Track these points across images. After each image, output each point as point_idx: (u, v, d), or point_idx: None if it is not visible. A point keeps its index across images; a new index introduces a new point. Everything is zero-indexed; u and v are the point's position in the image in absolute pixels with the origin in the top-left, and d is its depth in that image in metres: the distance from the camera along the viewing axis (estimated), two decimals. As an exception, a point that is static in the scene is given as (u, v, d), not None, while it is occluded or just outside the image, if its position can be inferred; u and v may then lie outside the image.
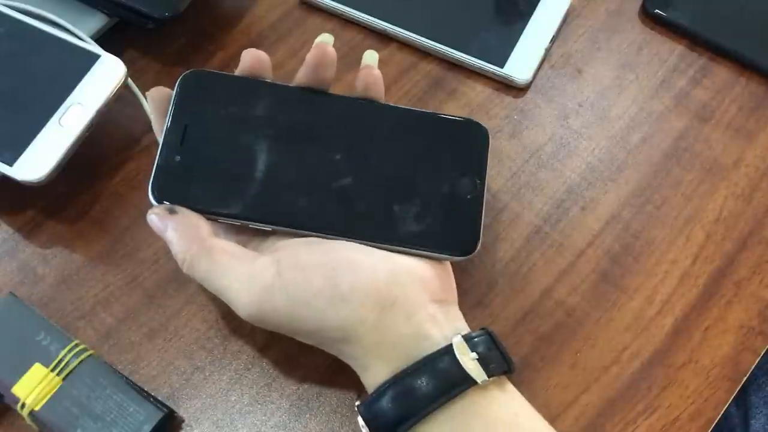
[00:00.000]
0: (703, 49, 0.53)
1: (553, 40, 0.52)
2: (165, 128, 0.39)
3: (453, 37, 0.51)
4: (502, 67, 0.50)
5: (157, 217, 0.38)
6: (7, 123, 0.44)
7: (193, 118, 0.40)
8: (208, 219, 0.38)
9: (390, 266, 0.37)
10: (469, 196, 0.40)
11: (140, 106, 0.47)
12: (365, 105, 0.41)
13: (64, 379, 0.39)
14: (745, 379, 0.43)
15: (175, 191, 0.38)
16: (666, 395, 0.42)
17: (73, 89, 0.44)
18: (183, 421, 0.41)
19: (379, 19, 0.51)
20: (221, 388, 0.42)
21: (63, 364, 0.39)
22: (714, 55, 0.53)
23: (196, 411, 0.41)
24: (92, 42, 0.46)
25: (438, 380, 0.35)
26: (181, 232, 0.37)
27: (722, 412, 0.42)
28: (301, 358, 0.42)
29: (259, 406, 0.41)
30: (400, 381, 0.35)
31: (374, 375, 0.36)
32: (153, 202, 0.38)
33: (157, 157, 0.39)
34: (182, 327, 0.43)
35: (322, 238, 0.38)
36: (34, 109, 0.44)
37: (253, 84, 0.41)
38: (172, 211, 0.38)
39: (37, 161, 0.42)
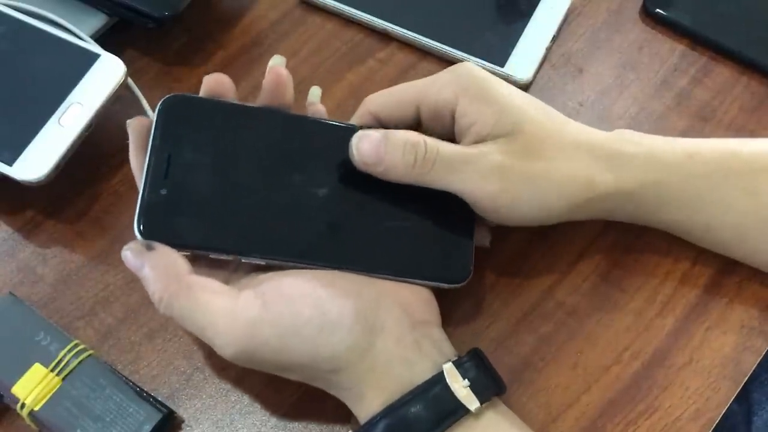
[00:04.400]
0: (704, 48, 0.53)
1: (553, 40, 0.52)
2: (147, 158, 0.38)
3: (453, 37, 0.51)
4: (502, 66, 0.50)
5: (132, 253, 0.36)
6: (7, 122, 0.44)
7: (176, 146, 0.38)
8: (199, 255, 0.37)
9: (374, 292, 0.37)
10: (459, 223, 0.39)
11: (140, 106, 0.47)
12: (355, 132, 0.39)
13: (63, 379, 0.39)
14: (746, 379, 0.42)
15: (164, 227, 0.37)
16: (667, 395, 0.42)
17: (73, 89, 0.44)
18: (183, 421, 0.41)
19: (379, 18, 0.51)
20: (221, 388, 0.41)
21: (63, 364, 0.39)
22: (715, 55, 0.53)
23: (196, 411, 0.41)
24: (92, 41, 0.46)
25: (431, 410, 0.34)
26: (158, 270, 0.36)
27: (723, 412, 0.42)
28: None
29: (259, 406, 0.41)
30: (393, 412, 0.35)
31: (368, 405, 0.36)
32: (140, 239, 0.36)
33: (142, 190, 0.37)
34: (182, 327, 0.43)
35: (315, 269, 0.37)
36: (34, 109, 0.44)
37: (236, 108, 0.39)
38: (149, 248, 0.36)
39: (36, 161, 0.42)
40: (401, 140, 0.38)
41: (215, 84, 0.40)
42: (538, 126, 0.39)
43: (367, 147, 0.38)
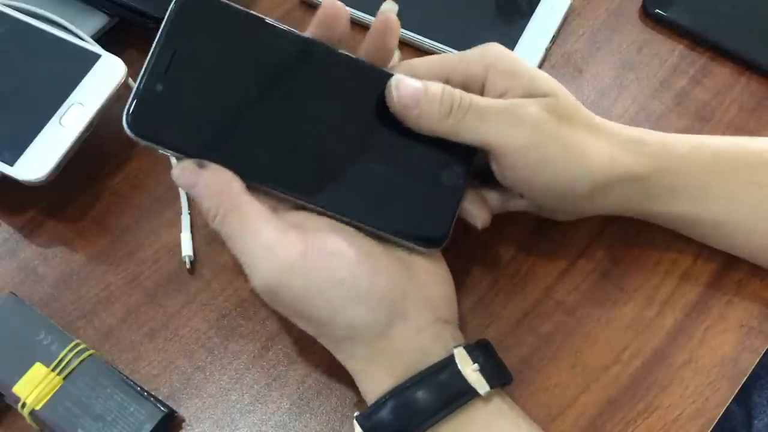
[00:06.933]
0: (703, 49, 0.53)
1: (553, 40, 0.52)
2: (150, 51, 0.36)
3: (453, 37, 0.51)
4: (502, 66, 0.50)
5: (183, 171, 0.36)
6: (8, 123, 0.44)
7: (183, 45, 0.36)
8: (180, 158, 0.36)
9: (407, 279, 0.37)
10: (448, 188, 0.39)
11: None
12: (372, 72, 0.39)
13: (64, 378, 0.39)
14: (745, 379, 0.43)
15: (150, 122, 0.36)
16: (666, 395, 0.42)
17: (74, 89, 0.44)
18: (183, 420, 0.41)
19: (379, 18, 0.51)
20: (222, 387, 0.42)
21: (64, 363, 0.39)
22: (714, 55, 0.53)
23: (196, 410, 0.41)
24: (93, 42, 0.46)
25: (439, 393, 0.35)
26: (212, 187, 0.36)
27: (722, 412, 0.42)
28: (302, 357, 0.42)
29: (260, 405, 0.41)
30: (401, 393, 0.35)
31: (377, 383, 0.36)
32: (127, 131, 0.36)
33: (138, 81, 0.36)
34: (183, 326, 0.43)
35: (290, 199, 0.37)
36: (35, 109, 0.44)
37: (259, 23, 0.38)
38: (201, 165, 0.36)
39: (37, 161, 0.42)
40: (439, 87, 0.37)
41: (326, 17, 0.38)
42: (568, 97, 0.40)
43: (408, 90, 0.37)
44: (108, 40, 0.48)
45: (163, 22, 0.37)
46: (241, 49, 0.37)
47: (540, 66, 0.51)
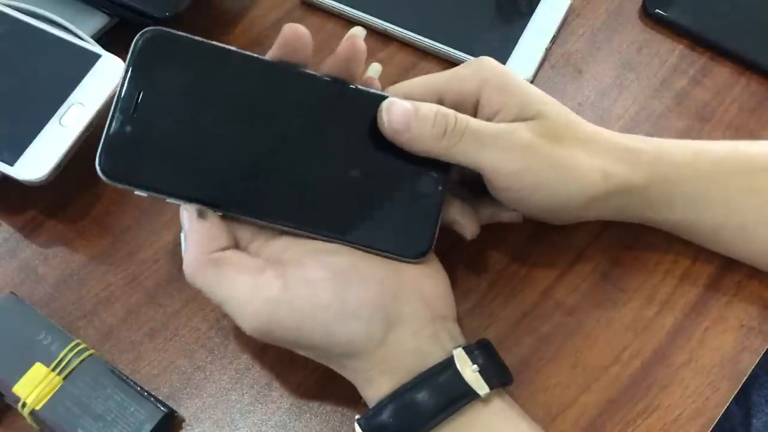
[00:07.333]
0: (703, 48, 0.53)
1: (553, 40, 0.52)
2: (117, 93, 0.36)
3: (453, 37, 0.51)
4: (502, 66, 0.50)
5: (184, 214, 0.37)
6: (8, 123, 0.44)
7: (149, 83, 0.36)
8: (156, 197, 0.36)
9: (397, 281, 0.37)
10: (427, 197, 0.38)
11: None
12: (341, 87, 0.38)
13: (64, 378, 0.39)
14: (745, 378, 0.43)
15: (123, 167, 0.36)
16: (666, 395, 0.42)
17: (74, 89, 0.44)
18: (183, 420, 0.41)
19: (379, 19, 0.51)
20: (222, 387, 0.42)
21: (64, 363, 0.39)
22: (714, 55, 0.53)
23: (196, 410, 0.41)
24: (93, 42, 0.46)
25: (439, 395, 0.35)
26: (197, 239, 0.36)
27: (722, 412, 0.42)
28: (302, 357, 0.42)
29: (260, 405, 0.41)
30: (401, 396, 0.35)
31: (378, 388, 0.36)
32: (101, 176, 0.36)
33: (106, 126, 0.36)
34: (183, 326, 0.43)
35: (269, 226, 0.37)
36: (35, 109, 0.44)
37: (221, 52, 0.38)
38: (201, 214, 0.36)
39: (37, 161, 0.42)
40: (432, 110, 0.37)
41: (293, 38, 0.37)
42: (560, 115, 0.40)
43: (398, 113, 0.37)
44: (108, 40, 0.48)
45: (126, 62, 0.37)
46: (208, 81, 0.37)
47: (540, 66, 0.51)
